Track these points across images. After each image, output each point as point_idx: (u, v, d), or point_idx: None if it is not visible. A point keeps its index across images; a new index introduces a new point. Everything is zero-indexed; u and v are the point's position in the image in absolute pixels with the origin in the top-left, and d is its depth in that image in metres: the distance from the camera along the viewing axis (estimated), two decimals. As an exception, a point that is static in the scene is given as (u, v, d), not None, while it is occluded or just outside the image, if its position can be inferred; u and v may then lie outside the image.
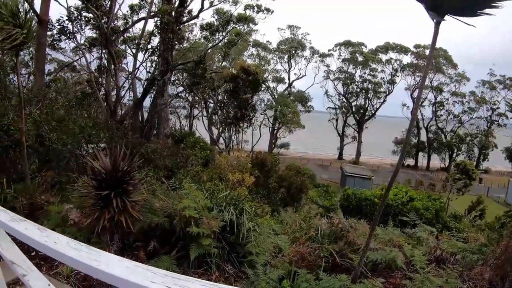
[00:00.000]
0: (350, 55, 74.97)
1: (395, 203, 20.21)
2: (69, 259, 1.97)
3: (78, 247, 2.03)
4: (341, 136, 78.85)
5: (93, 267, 1.81)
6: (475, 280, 5.83)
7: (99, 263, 1.82)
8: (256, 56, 70.22)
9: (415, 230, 8.00)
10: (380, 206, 5.38)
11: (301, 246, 5.88)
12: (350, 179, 44.45)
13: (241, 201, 6.58)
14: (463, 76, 74.91)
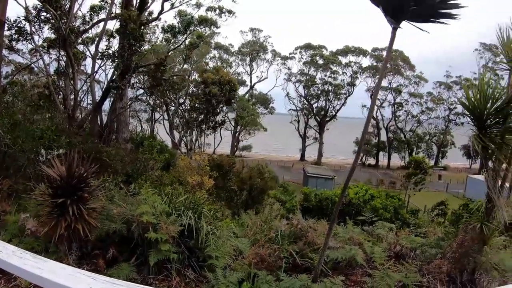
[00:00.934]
0: (310, 58, 75.77)
1: (356, 201, 20.51)
2: (14, 268, 1.91)
3: (23, 255, 1.97)
4: (303, 137, 79.54)
5: (37, 275, 1.76)
6: (434, 273, 5.97)
7: (42, 271, 1.77)
8: (218, 59, 70.37)
9: (374, 227, 8.10)
10: (337, 205, 5.42)
11: (261, 248, 5.87)
12: (312, 179, 44.83)
13: (200, 204, 6.51)
14: (421, 77, 77.70)
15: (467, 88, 6.21)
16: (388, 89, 77.28)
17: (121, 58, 21.58)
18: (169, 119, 48.15)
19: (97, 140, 20.05)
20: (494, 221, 6.04)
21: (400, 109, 79.08)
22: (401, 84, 77.90)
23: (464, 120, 75.11)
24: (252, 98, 72.87)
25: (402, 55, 74.84)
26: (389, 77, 75.90)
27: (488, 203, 5.77)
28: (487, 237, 5.90)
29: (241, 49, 73.30)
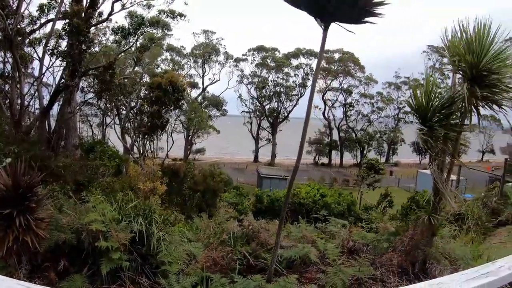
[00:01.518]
0: (262, 60, 76.27)
1: (307, 200, 20.72)
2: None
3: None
4: (256, 139, 79.82)
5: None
6: (387, 266, 6.12)
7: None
8: (170, 61, 69.30)
9: (327, 224, 8.22)
10: (284, 205, 5.47)
11: (214, 251, 5.84)
12: (266, 180, 45.04)
13: (151, 210, 6.41)
14: (371, 78, 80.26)
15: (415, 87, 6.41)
16: (339, 90, 78.71)
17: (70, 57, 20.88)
18: (121, 123, 46.89)
19: (45, 147, 19.40)
20: (441, 212, 6.25)
21: (351, 109, 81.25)
22: (351, 85, 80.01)
23: (413, 118, 77.55)
24: (205, 101, 72.32)
25: (353, 57, 76.93)
26: (340, 79, 77.68)
27: (435, 196, 5.96)
28: (435, 228, 6.09)
29: (193, 51, 72.55)
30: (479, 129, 75.29)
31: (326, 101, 79.13)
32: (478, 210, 14.64)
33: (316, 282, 5.55)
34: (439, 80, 6.93)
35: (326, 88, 78.16)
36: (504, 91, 5.54)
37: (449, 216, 10.47)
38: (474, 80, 5.39)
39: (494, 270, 1.80)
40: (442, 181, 5.76)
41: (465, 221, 13.41)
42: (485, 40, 5.46)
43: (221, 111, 74.10)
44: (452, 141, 5.93)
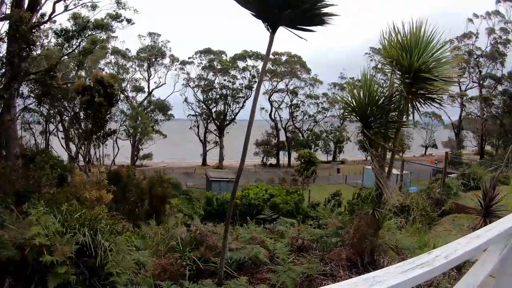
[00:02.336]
0: (209, 63, 75.64)
1: (256, 201, 20.82)
2: None
3: None
4: (203, 142, 79.23)
5: None
6: (336, 261, 6.23)
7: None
8: (114, 65, 67.63)
9: (275, 224, 8.28)
10: (229, 207, 5.50)
11: (162, 258, 5.77)
12: (215, 183, 44.90)
13: (96, 220, 6.24)
14: (316, 79, 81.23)
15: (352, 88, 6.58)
16: (285, 91, 79.55)
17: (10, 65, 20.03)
18: (64, 130, 45.29)
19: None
20: (385, 206, 6.43)
21: (297, 110, 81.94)
22: (297, 86, 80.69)
23: (354, 117, 79.81)
24: (151, 105, 71.09)
25: (300, 60, 77.99)
26: (286, 80, 78.38)
27: (378, 190, 6.13)
28: (380, 221, 6.26)
29: (139, 54, 70.88)
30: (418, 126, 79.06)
31: (273, 102, 79.67)
32: (422, 202, 15.22)
33: (266, 282, 5.58)
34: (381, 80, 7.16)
35: (273, 90, 78.79)
36: (440, 88, 5.76)
37: (394, 209, 10.79)
38: (410, 78, 5.58)
39: (429, 260, 1.87)
40: (383, 177, 5.94)
41: (410, 213, 13.88)
42: (421, 40, 5.67)
43: (167, 115, 73.08)
44: (391, 138, 6.13)
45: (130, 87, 70.67)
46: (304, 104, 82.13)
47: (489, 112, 70.83)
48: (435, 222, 14.58)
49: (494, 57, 67.66)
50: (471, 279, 2.42)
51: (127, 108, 64.02)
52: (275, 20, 4.92)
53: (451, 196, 17.01)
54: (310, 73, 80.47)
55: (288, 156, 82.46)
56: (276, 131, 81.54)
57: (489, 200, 12.48)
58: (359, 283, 1.50)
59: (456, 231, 12.64)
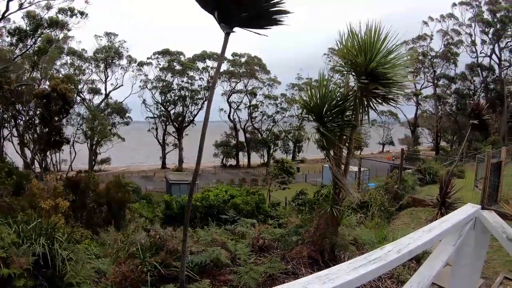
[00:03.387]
0: (167, 63, 74.85)
1: (216, 203, 20.76)
2: None
3: None
4: (163, 145, 78.41)
5: None
6: (297, 259, 6.30)
7: None
8: (70, 66, 65.53)
9: (236, 225, 8.30)
10: (187, 210, 5.47)
11: (123, 265, 5.68)
12: (175, 186, 44.46)
13: (53, 229, 6.07)
14: (275, 80, 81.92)
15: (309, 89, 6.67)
16: (244, 92, 79.67)
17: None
18: (19, 135, 43.62)
19: None
20: (344, 203, 6.56)
21: (256, 111, 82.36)
22: (256, 87, 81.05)
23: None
24: (108, 107, 69.53)
25: (259, 62, 78.44)
26: (244, 81, 78.53)
27: (335, 188, 6.23)
28: (338, 218, 6.37)
29: (95, 54, 68.86)
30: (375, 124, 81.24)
31: (231, 103, 79.71)
32: (380, 197, 15.55)
33: (229, 283, 5.58)
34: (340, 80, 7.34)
35: (231, 91, 78.84)
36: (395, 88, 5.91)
37: (353, 205, 10.99)
38: (365, 78, 5.70)
39: (382, 256, 1.92)
40: (340, 175, 6.05)
41: (369, 208, 14.17)
42: (375, 42, 5.80)
43: (125, 118, 71.78)
44: (347, 136, 6.25)
45: (86, 89, 68.76)
46: (263, 105, 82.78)
47: (444, 110, 74.22)
48: (393, 217, 14.93)
49: (447, 57, 70.55)
50: (427, 269, 2.49)
51: (84, 111, 62.24)
52: (231, 22, 4.94)
53: (408, 190, 17.44)
54: (269, 74, 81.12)
55: (247, 156, 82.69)
56: (235, 132, 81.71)
57: (444, 193, 12.88)
58: (312, 281, 1.52)
59: (415, 224, 12.98)
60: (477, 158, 19.57)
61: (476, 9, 66.08)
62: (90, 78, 70.12)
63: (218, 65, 5.57)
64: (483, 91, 68.55)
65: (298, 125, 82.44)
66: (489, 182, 13.60)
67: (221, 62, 5.67)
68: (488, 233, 2.75)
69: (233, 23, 4.95)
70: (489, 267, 7.59)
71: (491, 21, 64.07)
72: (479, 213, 2.79)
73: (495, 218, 2.73)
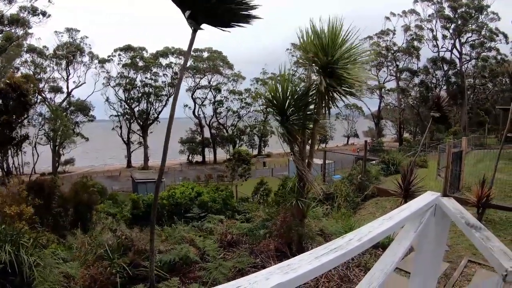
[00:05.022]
0: (130, 60, 73.52)
1: (183, 200, 20.68)
2: None
3: None
4: (127, 143, 77.15)
5: None
6: (265, 252, 6.39)
7: None
8: (30, 64, 63.38)
9: (203, 221, 8.33)
10: (153, 208, 5.47)
11: (91, 267, 5.63)
12: (141, 185, 43.90)
13: (18, 235, 5.95)
14: (239, 75, 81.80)
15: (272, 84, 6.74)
16: (208, 88, 79.37)
17: None
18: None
19: None
20: (309, 195, 6.67)
21: (221, 106, 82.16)
22: (220, 82, 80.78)
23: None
24: (70, 106, 67.68)
25: (221, 56, 78.08)
26: (208, 76, 78.17)
27: (300, 181, 6.33)
28: (304, 210, 6.47)
29: (56, 51, 66.45)
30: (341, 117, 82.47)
31: (196, 99, 79.19)
32: (346, 188, 15.81)
33: (199, 280, 5.61)
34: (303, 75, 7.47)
35: (195, 87, 78.31)
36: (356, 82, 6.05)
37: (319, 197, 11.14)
38: (326, 73, 5.81)
39: (343, 244, 1.99)
40: (304, 168, 6.15)
41: (335, 200, 14.40)
42: (336, 38, 5.92)
43: (88, 116, 70.25)
44: (309, 130, 6.36)
45: (47, 87, 66.75)
46: (227, 100, 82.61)
47: (406, 102, 76.66)
48: (359, 207, 15.23)
49: (410, 52, 73.12)
50: (390, 256, 2.58)
51: (46, 111, 60.59)
52: (200, 19, 4.95)
53: (373, 181, 17.78)
54: (233, 68, 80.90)
55: (213, 152, 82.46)
56: (200, 128, 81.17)
57: (408, 182, 13.17)
58: (274, 272, 1.58)
59: (380, 213, 13.23)
60: (439, 148, 20.13)
61: (437, 5, 68.34)
62: (52, 76, 68.05)
63: (184, 61, 5.59)
64: (445, 84, 70.60)
65: (263, 119, 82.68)
66: (451, 171, 14.00)
67: (187, 58, 5.68)
68: (448, 219, 2.86)
69: (201, 20, 4.97)
70: (454, 252, 7.84)
71: (452, 17, 66.08)
72: (439, 200, 2.90)
73: (455, 204, 2.84)
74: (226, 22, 5.23)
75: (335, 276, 5.77)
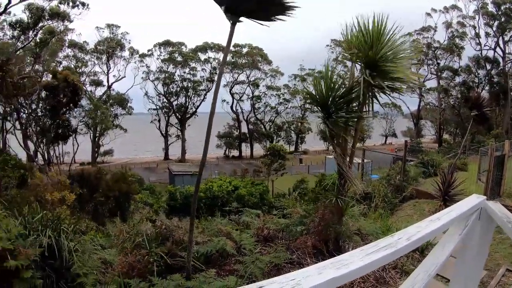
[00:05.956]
0: (169, 55, 74.64)
1: (220, 194, 20.78)
2: None
3: None
4: (165, 136, 78.39)
5: None
6: (302, 249, 6.33)
7: None
8: (72, 58, 65.65)
9: (240, 215, 8.33)
10: (193, 201, 5.50)
11: (129, 255, 5.69)
12: (178, 177, 44.46)
13: (59, 221, 6.07)
14: (277, 71, 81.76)
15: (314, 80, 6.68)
16: (246, 83, 79.54)
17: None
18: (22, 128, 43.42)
19: None
20: (348, 193, 6.59)
21: (258, 102, 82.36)
22: (258, 78, 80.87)
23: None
24: (110, 99, 69.50)
25: (260, 52, 78.12)
26: (247, 72, 78.30)
27: (340, 179, 6.26)
28: (343, 209, 6.39)
29: (97, 46, 68.72)
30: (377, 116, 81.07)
31: (234, 94, 79.54)
32: (383, 189, 15.54)
33: (235, 273, 5.61)
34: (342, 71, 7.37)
35: (234, 82, 78.65)
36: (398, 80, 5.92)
37: (357, 197, 11.02)
38: (371, 70, 5.71)
39: (393, 243, 1.94)
40: (345, 166, 6.07)
41: (372, 200, 14.18)
42: (381, 34, 5.81)
43: (127, 108, 71.87)
44: (352, 127, 6.27)
45: (88, 81, 68.65)
46: (265, 96, 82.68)
47: (447, 102, 73.40)
48: (396, 208, 14.96)
49: (451, 49, 69.78)
50: (432, 260, 2.50)
51: (86, 103, 62.08)
52: (238, 13, 4.94)
53: (411, 182, 17.45)
54: (271, 64, 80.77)
55: (250, 148, 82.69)
56: (238, 123, 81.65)
57: (447, 185, 12.89)
58: (327, 266, 1.55)
59: (418, 216, 12.98)
60: (480, 151, 19.57)
61: (479, 1, 65.40)
62: (92, 70, 70.12)
63: (224, 55, 5.59)
64: (487, 84, 67.98)
65: (301, 116, 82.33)
66: (492, 176, 13.58)
67: (227, 52, 5.66)
68: (493, 223, 2.77)
69: (239, 13, 4.95)
70: (492, 259, 7.62)
71: (495, 14, 63.47)
72: (485, 203, 2.80)
73: (501, 208, 2.75)
74: (264, 16, 5.19)
75: (371, 277, 5.67)
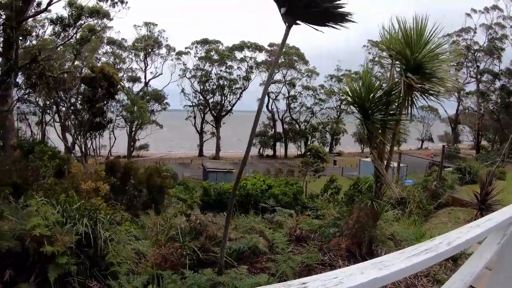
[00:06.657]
0: (206, 53, 75.32)
1: (254, 192, 20.80)
2: None
3: None
4: (200, 133, 79.10)
5: None
6: (334, 251, 6.30)
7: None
8: (111, 55, 67.34)
9: (274, 214, 8.33)
10: (231, 198, 5.53)
11: (162, 247, 5.77)
12: (212, 174, 44.88)
13: (95, 210, 6.20)
14: (313, 71, 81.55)
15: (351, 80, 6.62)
16: (282, 83, 79.61)
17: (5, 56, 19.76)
18: (61, 121, 44.63)
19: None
20: (383, 197, 6.50)
21: (294, 101, 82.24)
22: (294, 77, 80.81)
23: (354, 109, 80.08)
24: (146, 95, 70.69)
25: (298, 52, 78.13)
26: (283, 71, 78.23)
27: (377, 182, 6.18)
28: (378, 213, 6.31)
29: (135, 44, 70.55)
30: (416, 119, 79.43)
31: (270, 93, 79.52)
32: (418, 194, 15.26)
33: (266, 271, 5.61)
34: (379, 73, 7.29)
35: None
36: (439, 83, 5.80)
37: (391, 201, 10.87)
38: (411, 72, 5.61)
39: (433, 247, 1.91)
40: (382, 169, 5.99)
41: (407, 205, 13.95)
42: (422, 35, 5.71)
43: (163, 104, 73.12)
44: (391, 130, 6.18)
45: (126, 77, 70.19)
46: (301, 96, 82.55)
47: (486, 107, 70.83)
48: (431, 215, 14.67)
49: (492, 52, 67.20)
50: (468, 270, 2.46)
51: (123, 98, 63.30)
52: (295, 16, 4.94)
53: (447, 189, 17.11)
54: (307, 64, 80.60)
55: (284, 147, 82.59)
56: (273, 122, 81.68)
57: (485, 194, 12.56)
58: (368, 267, 1.54)
59: (452, 224, 12.70)
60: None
61: (523, 1, 62.98)
62: (130, 67, 71.94)
63: (276, 56, 5.63)
64: (530, 89, 65.35)
65: (336, 117, 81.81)
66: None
67: (280, 53, 5.69)
68: (533, 234, 2.69)
69: (297, 16, 4.95)
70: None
71: (537, 15, 61.02)
72: (525, 213, 2.72)
73: (542, 219, 2.66)
74: (321, 21, 5.17)
75: (402, 284, 5.58)
